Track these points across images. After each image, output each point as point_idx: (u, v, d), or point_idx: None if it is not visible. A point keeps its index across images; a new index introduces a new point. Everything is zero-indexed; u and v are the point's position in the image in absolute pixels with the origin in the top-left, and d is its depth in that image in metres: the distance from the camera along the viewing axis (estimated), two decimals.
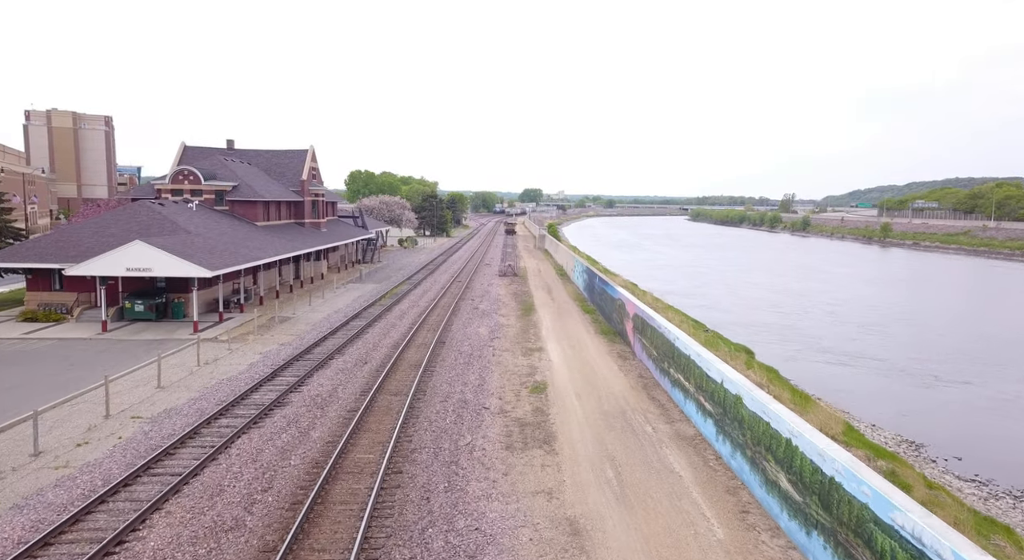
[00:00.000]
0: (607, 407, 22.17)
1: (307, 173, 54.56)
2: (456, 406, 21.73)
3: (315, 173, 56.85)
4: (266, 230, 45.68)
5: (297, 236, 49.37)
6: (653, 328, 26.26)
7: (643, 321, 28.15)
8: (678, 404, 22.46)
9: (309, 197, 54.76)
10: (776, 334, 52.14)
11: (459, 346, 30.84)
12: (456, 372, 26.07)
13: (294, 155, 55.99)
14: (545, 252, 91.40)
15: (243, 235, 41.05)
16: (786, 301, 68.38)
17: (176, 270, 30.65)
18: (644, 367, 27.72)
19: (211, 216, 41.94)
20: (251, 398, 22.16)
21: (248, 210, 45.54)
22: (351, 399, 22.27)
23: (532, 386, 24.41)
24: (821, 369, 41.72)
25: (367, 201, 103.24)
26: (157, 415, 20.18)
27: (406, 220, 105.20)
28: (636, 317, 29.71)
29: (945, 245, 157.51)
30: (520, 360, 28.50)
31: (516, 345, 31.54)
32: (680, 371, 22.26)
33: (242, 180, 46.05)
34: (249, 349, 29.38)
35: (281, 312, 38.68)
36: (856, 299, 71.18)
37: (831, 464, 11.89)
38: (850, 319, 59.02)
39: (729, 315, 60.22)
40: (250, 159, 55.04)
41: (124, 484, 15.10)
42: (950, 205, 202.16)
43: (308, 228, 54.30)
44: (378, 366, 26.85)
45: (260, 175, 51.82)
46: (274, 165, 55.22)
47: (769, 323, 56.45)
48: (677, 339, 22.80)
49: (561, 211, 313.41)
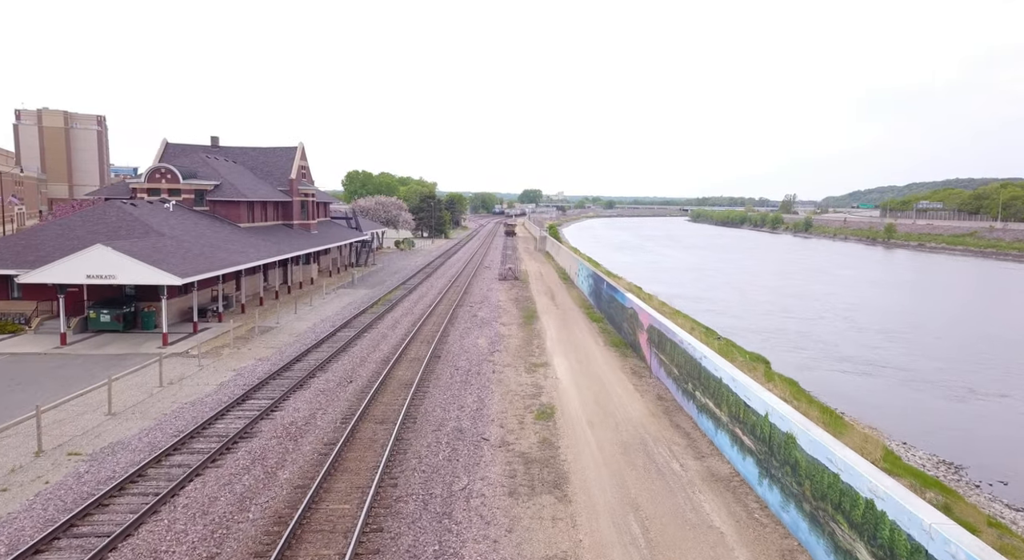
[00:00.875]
0: (625, 436, 19.25)
1: (296, 172, 51.61)
2: (451, 437, 18.80)
3: (305, 172, 53.92)
4: (250, 232, 42.74)
5: (284, 238, 46.45)
6: (673, 343, 23.35)
7: (660, 334, 25.24)
8: (707, 433, 19.55)
9: (298, 197, 51.82)
10: (790, 341, 49.34)
11: (455, 361, 27.92)
12: (452, 393, 23.14)
13: (283, 153, 53.07)
14: (546, 254, 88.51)
15: (223, 238, 38.11)
16: (797, 305, 65.54)
17: (142, 277, 27.72)
18: (662, 386, 24.79)
19: (189, 217, 39.00)
20: (215, 427, 19.22)
21: (230, 211, 42.60)
22: (330, 428, 19.33)
23: (538, 410, 21.49)
24: (841, 379, 39.00)
25: (362, 202, 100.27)
26: (99, 451, 17.22)
27: (403, 221, 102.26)
28: (652, 329, 26.80)
29: (951, 246, 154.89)
30: (523, 378, 25.58)
31: (518, 359, 28.61)
32: (709, 395, 19.35)
33: (225, 179, 43.11)
34: (222, 365, 26.42)
35: (263, 321, 35.73)
36: (869, 303, 68.34)
37: (944, 545, 8.96)
38: (867, 325, 56.17)
39: (739, 320, 57.45)
40: (236, 157, 52.10)
41: (35, 550, 12.16)
42: (954, 206, 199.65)
43: (297, 230, 51.37)
44: (364, 386, 23.91)
45: (246, 174, 48.90)
46: (261, 163, 52.28)
47: (781, 329, 53.64)
48: (704, 358, 19.89)
49: (561, 212, 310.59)
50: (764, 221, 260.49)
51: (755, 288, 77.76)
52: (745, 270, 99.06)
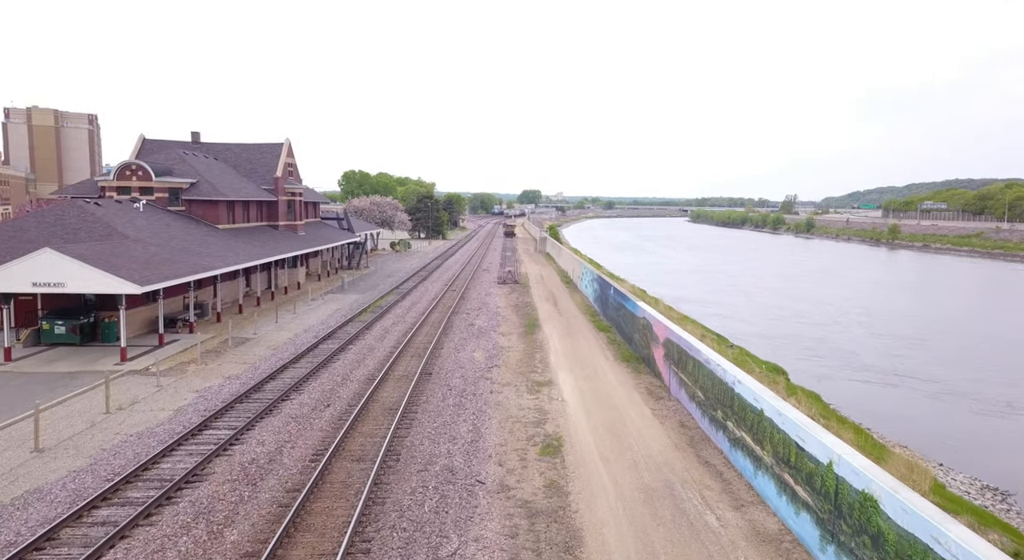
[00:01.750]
0: (647, 478, 16.24)
1: (282, 169, 48.55)
2: (440, 479, 15.78)
3: (292, 170, 50.87)
4: (229, 234, 39.67)
5: (268, 241, 43.40)
6: (697, 362, 20.33)
7: (681, 351, 22.22)
8: (743, 474, 16.53)
9: (284, 196, 48.76)
10: (805, 348, 46.46)
11: (449, 378, 24.89)
12: (443, 420, 20.10)
13: (268, 149, 50.01)
14: (547, 256, 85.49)
15: (198, 241, 35.05)
16: (810, 310, 62.60)
17: (96, 285, 24.65)
18: (684, 411, 21.77)
19: (161, 218, 35.92)
20: (159, 468, 16.18)
21: (208, 211, 39.53)
22: (296, 469, 16.29)
23: (543, 443, 18.46)
24: (864, 391, 36.21)
25: (357, 202, 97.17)
26: (8, 504, 14.16)
27: (399, 222, 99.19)
28: (669, 343, 23.77)
29: (957, 247, 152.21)
30: (525, 400, 22.54)
31: (519, 376, 25.57)
32: (745, 428, 16.35)
33: (202, 177, 40.03)
34: (184, 385, 23.36)
35: (240, 331, 32.66)
36: (883, 307, 65.44)
37: None
38: (884, 330, 53.26)
39: (749, 326, 54.58)
40: (219, 153, 49.05)
41: None
42: (958, 206, 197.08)
43: (283, 231, 48.32)
44: (343, 411, 20.88)
45: (227, 171, 45.84)
46: (245, 160, 49.22)
47: (794, 335, 50.77)
48: (738, 383, 16.88)
49: (560, 212, 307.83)
50: (765, 222, 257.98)
51: (762, 291, 74.86)
52: (750, 272, 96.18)
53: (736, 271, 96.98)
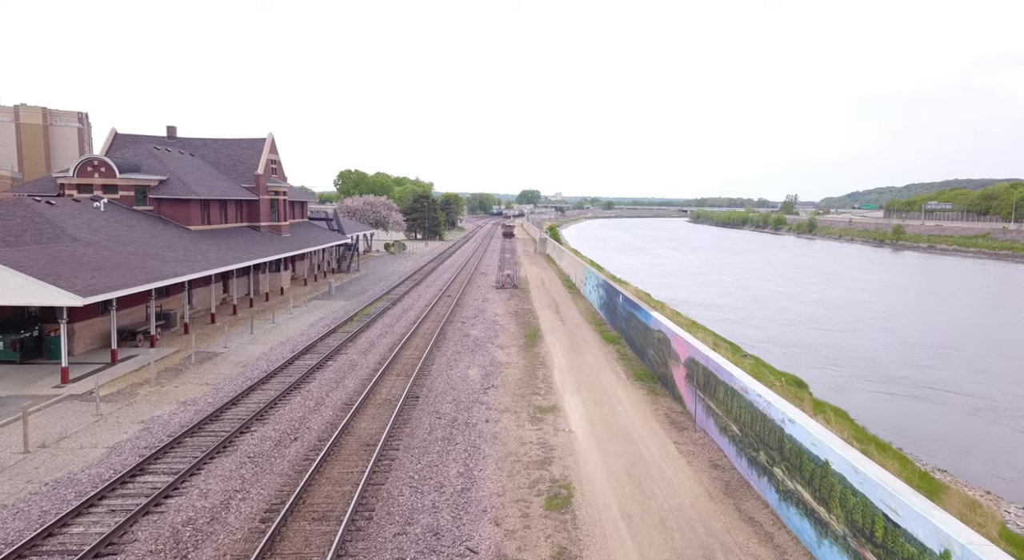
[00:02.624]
0: (679, 542, 13.01)
1: (264, 166, 45.22)
2: (421, 546, 12.52)
3: (275, 167, 47.55)
4: (202, 237, 36.35)
5: (247, 243, 40.10)
6: (732, 390, 17.08)
7: (709, 374, 18.98)
8: (800, 537, 13.28)
9: (266, 195, 45.42)
10: (822, 356, 43.38)
11: (438, 403, 21.63)
12: (429, 459, 16.84)
13: (249, 145, 46.67)
14: (548, 258, 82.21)
15: (164, 244, 31.74)
16: (821, 314, 59.42)
17: (30, 296, 21.37)
18: (714, 446, 18.50)
19: (124, 219, 32.57)
20: (66, 534, 12.89)
21: (179, 211, 36.20)
22: (242, 532, 13.03)
23: (549, 492, 15.20)
24: (890, 405, 33.21)
25: (349, 202, 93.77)
26: None
27: (393, 222, 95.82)
28: (694, 364, 20.52)
29: (963, 248, 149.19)
30: (527, 431, 19.29)
31: (520, 400, 22.32)
32: (802, 481, 13.10)
33: (173, 173, 36.69)
34: (129, 414, 20.06)
35: (208, 345, 29.36)
36: (901, 311, 62.32)
37: None
38: (905, 337, 50.14)
39: (760, 332, 51.47)
40: (196, 149, 45.72)
41: None
42: (963, 206, 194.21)
43: (265, 233, 45.00)
44: (311, 447, 17.61)
45: (203, 168, 42.53)
46: (225, 156, 45.88)
47: (809, 342, 47.68)
48: (790, 422, 13.63)
49: (560, 213, 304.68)
50: (766, 222, 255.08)
51: (771, 294, 71.71)
52: (756, 274, 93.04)
53: (741, 273, 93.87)
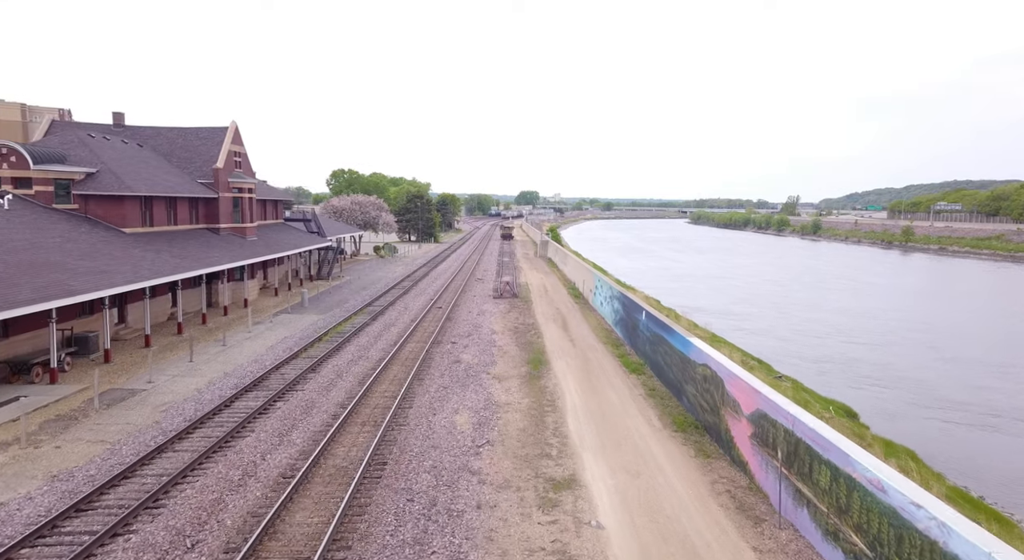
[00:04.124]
0: None
1: (225, 159, 39.23)
2: None
3: (239, 160, 41.55)
4: (139, 241, 30.35)
5: (200, 249, 34.16)
6: (851, 482, 11.14)
7: (797, 443, 13.06)
8: None
9: (228, 193, 39.42)
10: (863, 376, 37.82)
11: (412, 474, 15.70)
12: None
13: (208, 135, 40.65)
14: (550, 262, 76.27)
15: (82, 250, 25.74)
16: (851, 324, 53.67)
17: None
18: (812, 553, 12.57)
19: (32, 220, 26.52)
20: None
21: (111, 210, 30.19)
22: None
23: None
24: (956, 437, 28.03)
25: (336, 201, 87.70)
26: None
27: (383, 224, 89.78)
28: (768, 423, 14.59)
29: (976, 250, 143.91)
30: (535, 527, 13.36)
31: (524, 466, 16.41)
32: None
33: (106, 165, 30.71)
34: None
35: (129, 379, 23.39)
36: (938, 321, 56.63)
37: None
38: (955, 352, 44.43)
39: (785, 344, 45.84)
40: (145, 139, 39.72)
41: None
42: (972, 207, 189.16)
43: (225, 236, 39.01)
44: (221, 547, 11.69)
45: (150, 160, 36.56)
46: (180, 148, 39.89)
47: (845, 357, 42.13)
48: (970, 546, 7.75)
49: (559, 214, 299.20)
50: (769, 223, 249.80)
51: (789, 301, 65.99)
52: (767, 278, 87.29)
53: (751, 277, 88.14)
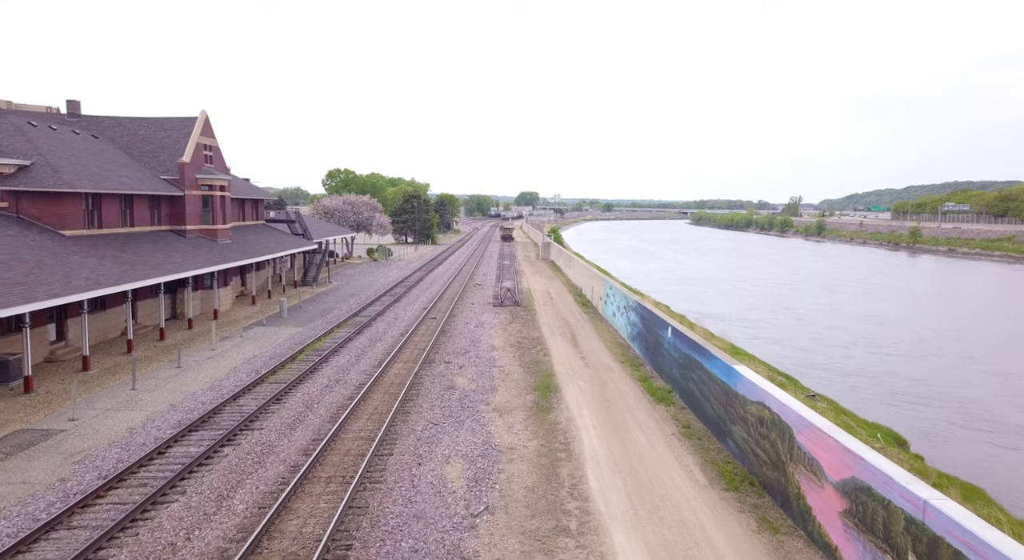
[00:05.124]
0: None
1: (192, 153, 35.05)
2: None
3: (211, 155, 37.35)
4: (82, 245, 26.15)
5: (159, 253, 30.01)
6: None
7: (936, 544, 8.97)
8: None
9: (196, 190, 35.24)
10: (901, 393, 34.14)
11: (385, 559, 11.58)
12: None
13: (175, 126, 36.44)
14: (553, 266, 72.11)
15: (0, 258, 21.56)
16: (877, 333, 49.63)
17: None
18: None
19: None
20: None
21: (48, 208, 25.98)
22: None
23: None
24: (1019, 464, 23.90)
25: (327, 202, 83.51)
26: None
27: (376, 225, 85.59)
28: (871, 497, 10.46)
29: (987, 252, 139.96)
30: None
31: (534, 550, 12.26)
32: None
33: (43, 157, 26.52)
34: None
35: (48, 414, 19.18)
36: (969, 328, 52.63)
37: None
38: (996, 365, 40.45)
39: (809, 356, 41.92)
40: (102, 129, 35.53)
41: None
42: (979, 208, 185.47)
43: (193, 239, 34.84)
44: None
45: (103, 152, 32.38)
46: (142, 140, 35.70)
47: (877, 371, 38.37)
48: None
49: (559, 215, 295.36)
50: (771, 224, 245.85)
51: (804, 306, 61.92)
52: (777, 280, 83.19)
53: (760, 279, 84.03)
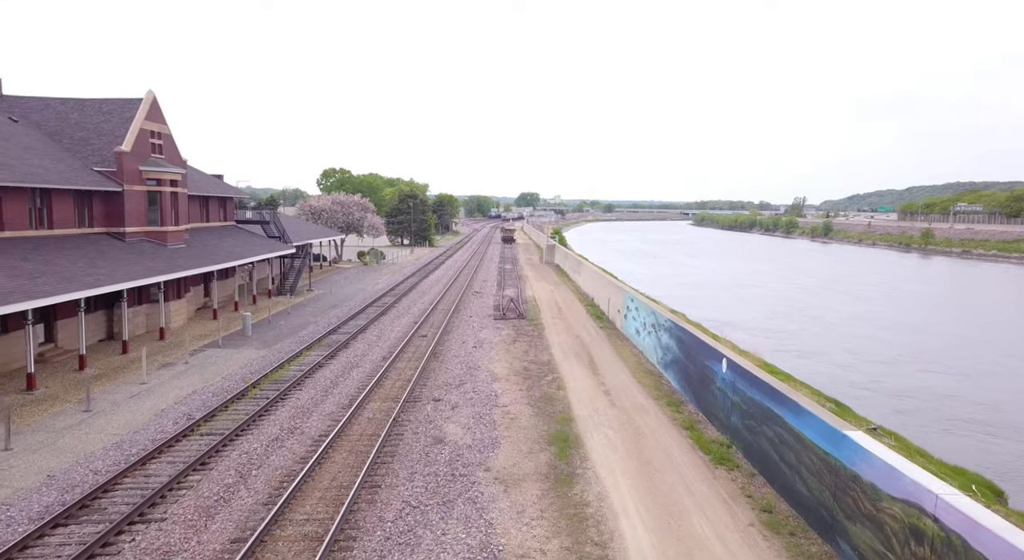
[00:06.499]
0: None
1: (133, 140, 29.27)
2: None
3: (160, 143, 31.57)
4: None
5: (84, 261, 24.28)
6: None
7: None
8: None
9: (138, 185, 29.45)
10: (968, 422, 30.16)
11: None
12: None
13: (114, 108, 30.65)
14: (558, 270, 66.30)
15: None
16: (919, 345, 44.23)
17: None
18: None
19: None
20: None
21: None
22: None
23: None
24: None
25: (314, 202, 77.74)
26: None
27: (368, 226, 79.83)
28: None
29: (1004, 254, 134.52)
30: None
31: None
32: None
33: None
34: None
35: None
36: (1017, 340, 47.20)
37: None
38: None
39: (848, 372, 37.13)
40: (26, 112, 29.80)
41: None
42: (991, 208, 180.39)
43: (136, 243, 29.07)
44: None
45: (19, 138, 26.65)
46: (72, 125, 29.94)
47: (934, 394, 34.04)
48: None
49: (560, 216, 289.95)
50: (776, 225, 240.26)
51: (830, 313, 56.36)
52: (795, 284, 77.54)
53: (777, 283, 78.38)
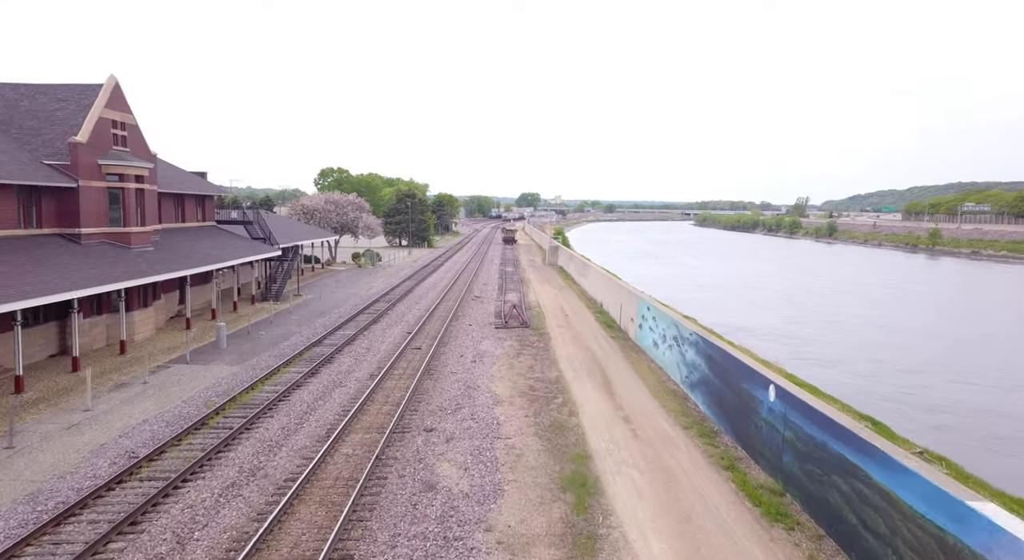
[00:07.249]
0: None
1: (91, 131, 26.09)
2: None
3: (123, 135, 28.36)
4: None
5: (19, 267, 21.16)
6: None
7: None
8: None
9: (97, 181, 26.27)
10: (1021, 442, 26.11)
11: None
12: None
13: (69, 95, 27.47)
14: (562, 272, 63.11)
15: None
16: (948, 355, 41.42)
17: None
18: None
19: None
20: None
21: None
22: None
23: None
24: None
25: (306, 200, 74.56)
26: None
27: (364, 226, 76.68)
28: None
29: (1015, 254, 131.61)
30: None
31: None
32: None
33: None
34: None
35: None
36: None
37: None
38: None
39: (876, 384, 35.11)
40: None
41: None
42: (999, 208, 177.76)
43: (94, 245, 25.90)
44: None
45: None
46: (22, 113, 26.78)
47: (974, 409, 30.17)
48: None
49: (561, 216, 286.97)
50: (779, 225, 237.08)
51: (846, 318, 53.32)
52: (805, 287, 74.52)
53: (786, 285, 75.31)
